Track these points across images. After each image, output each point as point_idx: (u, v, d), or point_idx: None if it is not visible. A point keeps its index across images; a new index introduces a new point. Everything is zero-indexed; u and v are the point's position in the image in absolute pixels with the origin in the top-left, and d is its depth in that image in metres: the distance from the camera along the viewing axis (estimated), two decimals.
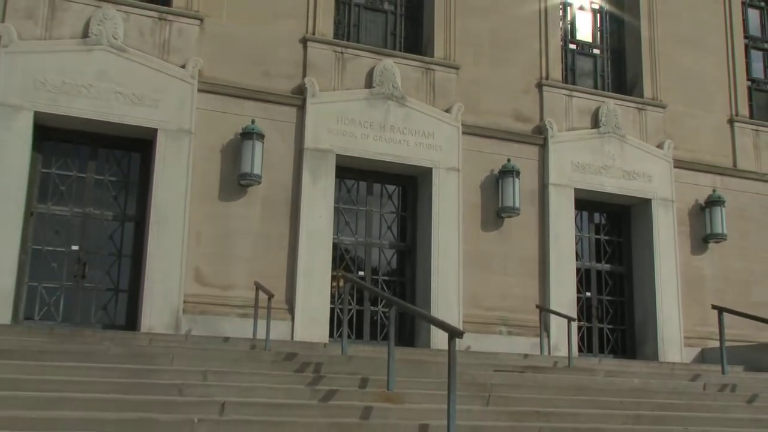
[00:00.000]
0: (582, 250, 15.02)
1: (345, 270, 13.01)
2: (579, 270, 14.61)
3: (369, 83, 13.56)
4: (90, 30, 11.97)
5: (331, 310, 12.69)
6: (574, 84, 15.56)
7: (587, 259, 15.09)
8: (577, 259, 14.59)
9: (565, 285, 14.01)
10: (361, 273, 13.48)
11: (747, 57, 17.04)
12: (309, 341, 11.56)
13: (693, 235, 15.34)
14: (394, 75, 13.64)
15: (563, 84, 15.17)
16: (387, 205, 14.00)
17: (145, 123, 12.01)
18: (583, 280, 14.83)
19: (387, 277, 13.75)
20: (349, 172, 13.53)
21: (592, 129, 14.96)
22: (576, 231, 14.67)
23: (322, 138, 12.97)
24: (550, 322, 13.60)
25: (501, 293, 13.67)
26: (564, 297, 13.89)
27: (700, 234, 15.36)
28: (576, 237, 14.65)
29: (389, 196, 14.04)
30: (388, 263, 13.85)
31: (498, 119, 14.38)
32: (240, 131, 12.40)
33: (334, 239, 13.00)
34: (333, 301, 12.77)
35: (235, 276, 12.15)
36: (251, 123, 12.43)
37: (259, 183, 12.41)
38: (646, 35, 15.88)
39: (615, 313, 15.15)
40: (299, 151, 12.86)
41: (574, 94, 15.08)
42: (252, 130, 12.33)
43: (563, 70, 15.50)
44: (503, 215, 13.88)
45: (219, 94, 12.58)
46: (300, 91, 13.07)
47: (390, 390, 8.43)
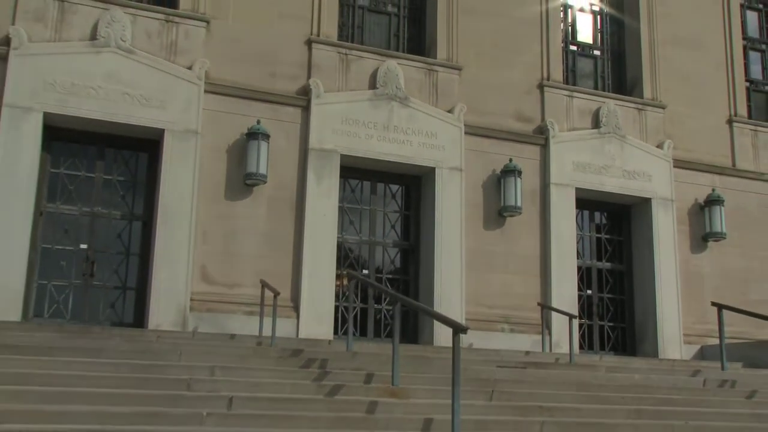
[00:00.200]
0: (583, 248, 15.14)
1: (349, 268, 13.14)
2: (580, 268, 14.73)
3: (373, 84, 13.69)
4: (98, 32, 12.12)
5: (336, 308, 12.82)
6: (574, 85, 15.68)
7: (588, 258, 15.22)
8: (578, 258, 14.72)
9: (566, 283, 14.14)
10: (365, 271, 13.60)
11: (745, 58, 17.16)
12: (314, 338, 11.63)
13: (692, 234, 15.46)
14: (397, 76, 13.77)
15: (564, 85, 15.29)
16: (390, 205, 14.13)
17: (153, 123, 12.16)
18: (584, 278, 14.95)
19: (391, 276, 13.86)
20: (353, 171, 13.66)
21: (592, 129, 15.08)
22: (577, 230, 14.79)
23: (326, 138, 13.10)
24: (551, 319, 13.71)
25: (503, 291, 13.79)
26: (565, 295, 14.01)
27: (699, 233, 15.47)
28: (577, 236, 14.77)
29: (393, 195, 14.17)
30: (391, 262, 13.98)
31: (500, 120, 14.50)
32: (246, 131, 12.54)
33: (338, 238, 13.13)
34: (337, 299, 12.92)
35: (241, 274, 12.27)
36: (257, 123, 12.56)
37: (265, 183, 12.54)
38: (645, 37, 15.98)
39: (615, 311, 15.27)
40: (304, 151, 12.99)
41: (574, 94, 15.20)
42: (257, 130, 12.47)
43: (564, 71, 15.62)
44: (505, 214, 14.01)
45: (225, 95, 12.72)
46: (305, 92, 13.21)
47: (395, 385, 8.48)
